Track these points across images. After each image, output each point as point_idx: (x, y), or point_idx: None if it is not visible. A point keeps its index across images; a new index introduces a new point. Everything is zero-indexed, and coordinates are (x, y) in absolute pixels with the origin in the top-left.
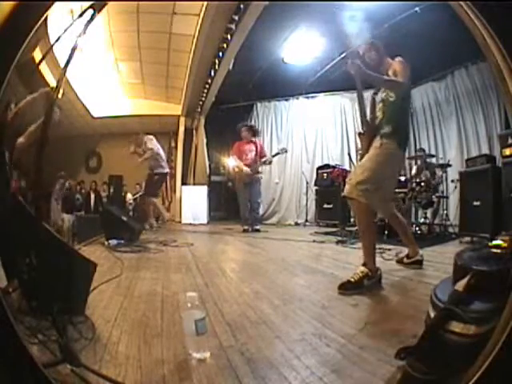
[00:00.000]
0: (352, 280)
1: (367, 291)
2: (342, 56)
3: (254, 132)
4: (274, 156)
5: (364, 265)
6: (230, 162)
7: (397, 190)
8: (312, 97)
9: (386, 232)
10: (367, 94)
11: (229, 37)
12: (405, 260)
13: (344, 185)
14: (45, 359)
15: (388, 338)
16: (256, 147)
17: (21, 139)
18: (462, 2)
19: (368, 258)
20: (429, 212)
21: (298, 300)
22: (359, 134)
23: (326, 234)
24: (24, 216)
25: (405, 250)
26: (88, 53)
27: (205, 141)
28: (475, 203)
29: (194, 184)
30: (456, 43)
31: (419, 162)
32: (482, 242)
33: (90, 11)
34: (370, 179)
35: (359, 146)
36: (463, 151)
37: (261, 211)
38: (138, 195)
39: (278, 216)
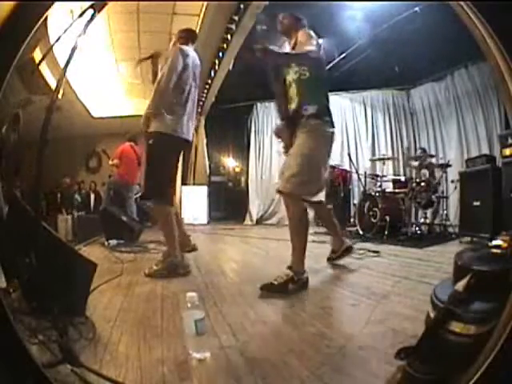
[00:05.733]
0: (275, 283)
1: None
2: (342, 56)
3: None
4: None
5: (290, 268)
6: None
7: (397, 190)
8: None
9: (386, 232)
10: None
11: (229, 37)
12: (333, 255)
13: (344, 185)
14: (45, 359)
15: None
16: None
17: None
18: (461, 2)
19: (296, 260)
20: (429, 212)
21: (297, 300)
22: (276, 129)
23: (326, 234)
24: (24, 216)
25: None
26: (88, 53)
27: (205, 141)
28: (475, 203)
29: (194, 184)
30: (456, 43)
31: (419, 161)
32: (481, 242)
33: (90, 11)
34: (305, 170)
35: (280, 147)
36: (463, 151)
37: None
38: (138, 195)
39: (278, 216)
